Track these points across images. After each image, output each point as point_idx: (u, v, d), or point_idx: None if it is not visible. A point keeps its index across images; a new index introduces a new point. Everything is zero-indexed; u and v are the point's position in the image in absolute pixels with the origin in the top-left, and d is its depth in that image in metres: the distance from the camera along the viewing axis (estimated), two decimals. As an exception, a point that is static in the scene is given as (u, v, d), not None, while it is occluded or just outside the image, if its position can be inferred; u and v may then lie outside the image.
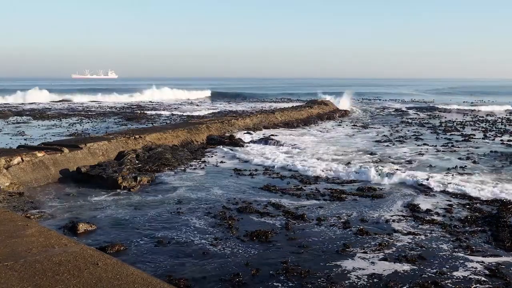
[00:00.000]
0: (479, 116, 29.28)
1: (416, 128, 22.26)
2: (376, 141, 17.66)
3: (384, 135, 19.47)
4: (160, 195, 9.44)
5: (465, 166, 12.44)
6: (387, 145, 16.45)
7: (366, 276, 5.59)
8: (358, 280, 5.48)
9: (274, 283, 5.40)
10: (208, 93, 54.59)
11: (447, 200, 9.13)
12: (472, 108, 35.76)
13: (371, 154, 14.38)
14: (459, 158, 13.69)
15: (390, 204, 8.88)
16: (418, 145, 16.41)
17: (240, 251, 6.39)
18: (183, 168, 12.12)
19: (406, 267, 5.87)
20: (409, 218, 7.96)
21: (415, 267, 5.86)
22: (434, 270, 5.75)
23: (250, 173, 11.62)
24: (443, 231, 7.26)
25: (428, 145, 16.49)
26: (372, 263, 5.99)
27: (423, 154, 14.45)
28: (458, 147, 16.08)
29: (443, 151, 15.15)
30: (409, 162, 13.08)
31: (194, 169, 12.15)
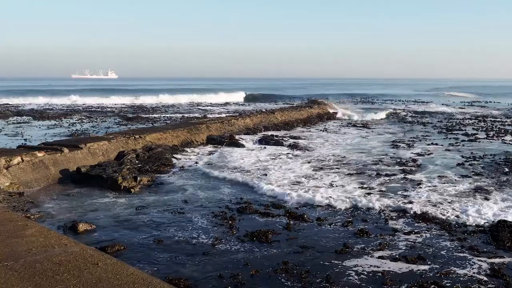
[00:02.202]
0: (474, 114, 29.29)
1: (413, 127, 22.28)
2: (378, 140, 17.68)
3: (386, 134, 19.50)
4: (160, 195, 9.45)
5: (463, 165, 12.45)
6: (389, 145, 16.47)
7: (366, 276, 5.59)
8: (358, 280, 5.48)
9: (274, 283, 5.39)
10: (242, 95, 53.92)
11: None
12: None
13: (377, 154, 14.40)
14: (462, 155, 13.71)
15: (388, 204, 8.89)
16: (428, 145, 16.48)
17: (241, 251, 6.40)
18: (184, 168, 12.12)
19: (406, 267, 5.87)
20: (408, 217, 7.96)
21: (415, 267, 5.86)
22: (434, 270, 5.75)
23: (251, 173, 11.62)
24: (442, 231, 7.26)
25: (437, 144, 16.57)
26: (372, 263, 5.98)
27: (432, 152, 14.59)
28: (464, 146, 16.20)
29: (450, 150, 15.29)
30: (416, 162, 13.10)
31: (195, 169, 12.15)
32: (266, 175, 11.18)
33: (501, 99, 50.57)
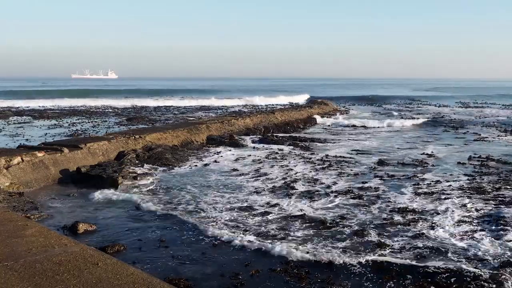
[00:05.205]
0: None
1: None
2: (376, 138, 17.70)
3: (386, 133, 19.53)
4: (160, 195, 9.44)
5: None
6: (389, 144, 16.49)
7: (366, 275, 5.59)
8: (358, 280, 5.48)
9: (274, 284, 5.39)
10: (306, 97, 53.72)
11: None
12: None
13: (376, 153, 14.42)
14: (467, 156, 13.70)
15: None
16: (443, 145, 16.34)
17: (240, 251, 6.40)
18: (183, 168, 12.12)
19: (405, 266, 5.88)
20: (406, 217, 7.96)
21: (414, 266, 5.86)
22: (433, 269, 5.75)
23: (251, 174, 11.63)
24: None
25: (450, 145, 16.48)
26: (372, 261, 5.99)
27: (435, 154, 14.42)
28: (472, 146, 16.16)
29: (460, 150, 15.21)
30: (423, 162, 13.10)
31: (195, 169, 12.16)
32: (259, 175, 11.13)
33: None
